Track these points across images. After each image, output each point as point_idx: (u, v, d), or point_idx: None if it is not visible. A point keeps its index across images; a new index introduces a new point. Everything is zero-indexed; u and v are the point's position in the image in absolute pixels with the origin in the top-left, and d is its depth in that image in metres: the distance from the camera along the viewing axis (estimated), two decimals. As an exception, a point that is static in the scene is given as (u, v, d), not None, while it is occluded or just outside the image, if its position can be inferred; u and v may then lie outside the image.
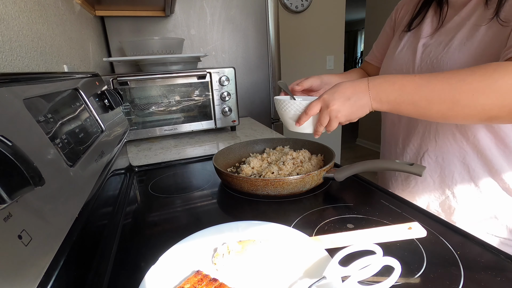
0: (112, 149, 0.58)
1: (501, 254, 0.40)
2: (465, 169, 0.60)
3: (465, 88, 0.42)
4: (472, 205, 0.61)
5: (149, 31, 1.38)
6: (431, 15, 0.63)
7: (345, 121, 0.52)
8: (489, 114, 0.42)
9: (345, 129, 3.05)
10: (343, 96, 0.50)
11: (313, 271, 0.37)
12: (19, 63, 0.54)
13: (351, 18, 6.20)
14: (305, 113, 0.54)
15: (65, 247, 0.29)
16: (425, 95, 0.45)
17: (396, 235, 0.44)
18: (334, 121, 0.52)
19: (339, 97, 0.50)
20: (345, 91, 0.50)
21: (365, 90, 0.49)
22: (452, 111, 0.44)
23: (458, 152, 0.60)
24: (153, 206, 0.62)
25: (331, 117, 0.52)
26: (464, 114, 0.44)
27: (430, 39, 0.61)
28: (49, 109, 0.39)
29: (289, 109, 0.57)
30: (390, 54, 0.72)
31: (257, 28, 1.53)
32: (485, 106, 0.41)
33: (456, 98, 0.43)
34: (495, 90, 0.40)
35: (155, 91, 1.14)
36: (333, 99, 0.50)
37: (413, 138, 0.67)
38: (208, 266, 0.39)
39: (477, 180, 0.59)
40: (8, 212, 0.22)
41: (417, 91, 0.46)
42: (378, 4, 3.33)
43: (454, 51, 0.55)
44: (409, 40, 0.66)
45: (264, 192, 0.60)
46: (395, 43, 0.71)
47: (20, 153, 0.22)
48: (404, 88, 0.46)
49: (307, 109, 0.54)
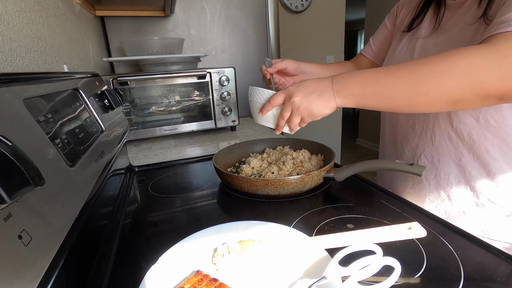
0: (112, 149, 0.58)
1: (501, 254, 0.40)
2: (461, 171, 0.59)
3: (425, 72, 0.42)
4: (468, 209, 0.60)
5: (149, 31, 1.38)
6: (430, 16, 0.63)
7: (307, 117, 0.51)
8: (453, 96, 0.42)
9: (345, 129, 3.05)
10: (307, 89, 0.50)
11: (313, 271, 0.37)
12: (19, 63, 0.54)
13: (351, 18, 6.20)
14: (268, 102, 0.54)
15: (65, 247, 0.29)
16: (388, 83, 0.45)
17: (396, 235, 0.44)
18: (295, 114, 0.51)
19: (302, 90, 0.50)
20: (309, 85, 0.50)
21: (329, 85, 0.49)
22: (416, 97, 0.44)
23: (454, 154, 0.59)
24: (153, 206, 0.62)
25: (293, 109, 0.51)
26: (428, 100, 0.43)
27: (428, 40, 0.61)
28: (49, 109, 0.39)
29: (255, 97, 0.57)
30: (390, 54, 0.72)
31: (257, 28, 1.53)
32: (447, 87, 0.41)
33: (418, 83, 0.42)
34: (455, 71, 0.40)
35: (155, 91, 1.14)
36: (297, 91, 0.50)
37: (411, 139, 0.66)
38: (208, 266, 0.39)
39: (473, 184, 0.58)
40: (8, 212, 0.22)
41: (379, 80, 0.45)
42: (378, 4, 3.33)
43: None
44: (408, 41, 0.66)
45: (264, 192, 0.60)
46: (396, 43, 0.71)
47: (20, 153, 0.22)
48: (366, 80, 0.46)
49: (271, 98, 0.54)
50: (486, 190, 0.57)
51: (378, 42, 0.79)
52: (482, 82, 0.40)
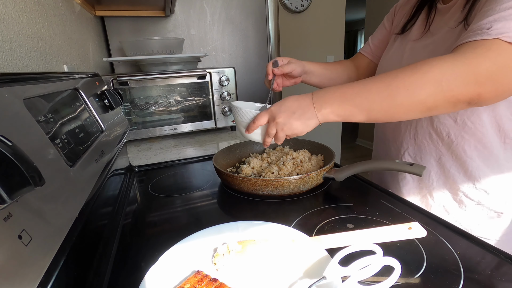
0: (112, 149, 0.58)
1: (501, 254, 0.40)
2: (441, 169, 0.62)
3: (399, 85, 0.44)
4: (447, 205, 0.63)
5: (149, 31, 1.38)
6: (422, 19, 0.65)
7: (292, 135, 0.53)
8: (426, 105, 0.44)
9: (345, 129, 3.05)
10: (289, 110, 0.51)
11: (313, 271, 0.37)
12: (19, 63, 0.54)
13: (351, 18, 6.20)
14: (253, 122, 0.55)
15: (65, 247, 0.29)
16: (364, 97, 0.47)
17: (396, 235, 0.44)
18: (280, 133, 0.53)
19: (285, 111, 0.51)
20: (291, 105, 0.51)
21: (310, 104, 0.50)
22: (392, 108, 0.46)
23: (435, 152, 0.62)
24: (153, 206, 0.62)
25: (278, 130, 0.53)
26: (404, 109, 0.45)
27: (417, 43, 0.63)
28: (49, 109, 0.38)
29: (240, 116, 0.58)
30: (384, 55, 0.74)
31: (257, 28, 1.53)
32: (420, 98, 0.43)
33: (393, 95, 0.45)
34: (426, 82, 0.42)
35: (155, 91, 1.14)
36: (279, 112, 0.52)
37: (397, 137, 0.69)
38: (208, 266, 0.39)
39: (453, 181, 0.61)
40: (8, 212, 0.22)
41: (356, 96, 0.47)
42: (378, 4, 3.33)
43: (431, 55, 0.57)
44: (400, 43, 0.68)
45: (264, 192, 0.60)
46: (390, 45, 0.73)
47: (20, 153, 0.22)
48: (345, 96, 0.48)
49: (255, 119, 0.55)
50: (463, 187, 0.60)
51: (376, 41, 0.81)
52: (451, 90, 0.42)
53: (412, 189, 0.68)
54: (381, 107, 0.46)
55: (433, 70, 0.42)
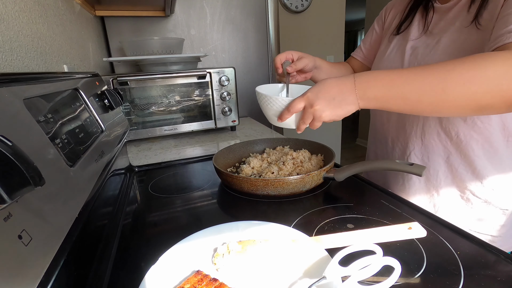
0: (112, 149, 0.58)
1: (501, 254, 0.40)
2: (449, 168, 0.62)
3: (455, 78, 0.41)
4: (455, 204, 0.63)
5: (149, 31, 1.38)
6: (418, 19, 0.65)
7: (329, 121, 0.50)
8: (480, 103, 0.41)
9: (345, 129, 3.05)
10: (328, 96, 0.48)
11: (313, 271, 0.37)
12: (19, 63, 0.54)
13: (351, 18, 6.19)
14: (287, 110, 0.52)
15: (65, 247, 0.29)
16: (415, 87, 0.43)
17: (396, 235, 0.44)
18: (317, 120, 0.50)
19: (323, 97, 0.48)
20: (330, 90, 0.48)
21: (351, 89, 0.46)
22: (444, 102, 0.43)
23: (443, 152, 0.62)
24: (153, 206, 0.62)
25: (315, 117, 0.50)
26: (456, 105, 0.43)
27: (418, 42, 0.63)
28: (49, 109, 0.38)
29: (271, 105, 0.55)
30: (380, 56, 0.74)
31: (257, 28, 1.53)
32: (476, 95, 0.41)
33: (447, 88, 0.42)
34: (486, 79, 0.40)
35: (155, 91, 1.14)
36: (317, 99, 0.48)
37: (401, 138, 0.68)
38: (208, 266, 0.39)
39: (460, 180, 0.61)
40: (8, 212, 0.22)
41: (406, 84, 0.44)
42: (378, 4, 3.33)
43: (440, 54, 0.57)
44: (398, 43, 0.68)
45: (264, 192, 0.60)
46: (385, 46, 0.73)
47: (20, 153, 0.22)
48: (393, 83, 0.45)
49: (290, 107, 0.51)
50: (471, 186, 0.60)
51: (367, 45, 0.81)
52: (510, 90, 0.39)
53: (419, 189, 0.67)
54: (432, 100, 0.43)
55: (494, 67, 0.39)
